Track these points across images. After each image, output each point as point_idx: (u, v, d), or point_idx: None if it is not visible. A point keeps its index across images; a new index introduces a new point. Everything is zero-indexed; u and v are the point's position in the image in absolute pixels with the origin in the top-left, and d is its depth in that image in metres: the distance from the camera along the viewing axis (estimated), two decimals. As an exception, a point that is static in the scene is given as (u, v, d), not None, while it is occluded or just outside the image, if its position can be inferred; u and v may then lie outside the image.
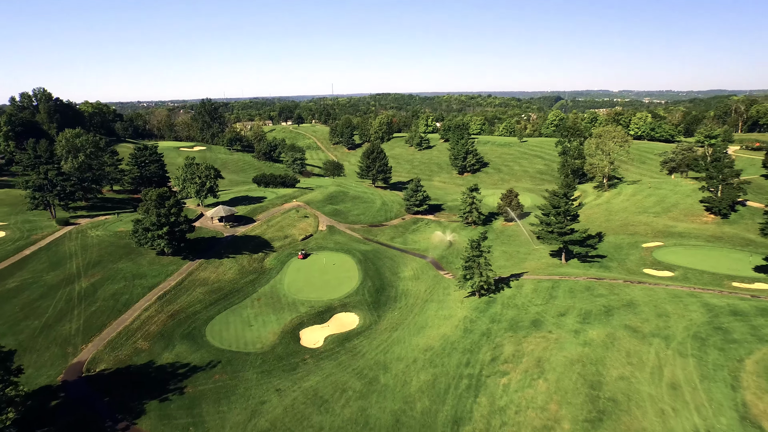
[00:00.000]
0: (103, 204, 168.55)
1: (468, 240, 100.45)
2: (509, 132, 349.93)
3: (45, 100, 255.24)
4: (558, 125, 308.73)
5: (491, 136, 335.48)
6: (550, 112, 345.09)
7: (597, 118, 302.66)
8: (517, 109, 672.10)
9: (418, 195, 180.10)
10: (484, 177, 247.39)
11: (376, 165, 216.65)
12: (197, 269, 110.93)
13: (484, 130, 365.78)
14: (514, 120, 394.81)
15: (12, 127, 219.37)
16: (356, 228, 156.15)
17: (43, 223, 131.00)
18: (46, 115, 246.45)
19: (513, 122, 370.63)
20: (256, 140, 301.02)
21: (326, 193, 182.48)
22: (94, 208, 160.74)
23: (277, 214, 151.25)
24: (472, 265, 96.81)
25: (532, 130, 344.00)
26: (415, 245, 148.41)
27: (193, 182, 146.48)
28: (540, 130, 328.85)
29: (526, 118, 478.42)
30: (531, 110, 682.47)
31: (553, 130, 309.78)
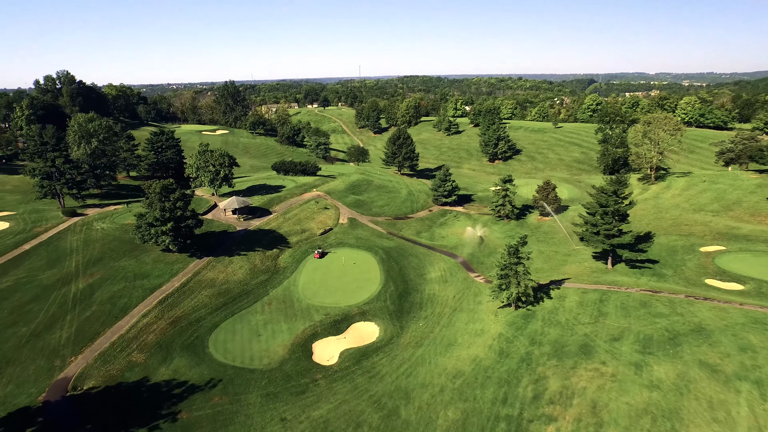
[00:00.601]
0: (118, 191, 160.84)
1: (505, 245, 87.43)
2: (542, 117, 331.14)
3: (68, 83, 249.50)
4: (595, 110, 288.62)
5: (523, 121, 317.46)
6: (587, 96, 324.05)
7: (639, 102, 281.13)
8: (549, 93, 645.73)
9: (447, 185, 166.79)
10: (517, 165, 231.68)
11: (403, 151, 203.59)
12: (204, 268, 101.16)
13: (516, 114, 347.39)
14: (547, 104, 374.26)
15: (34, 110, 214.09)
16: (380, 221, 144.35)
17: (50, 213, 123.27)
18: (68, 98, 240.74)
19: (546, 106, 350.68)
20: (280, 124, 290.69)
21: (349, 182, 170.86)
22: (107, 196, 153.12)
23: (295, 206, 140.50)
24: (509, 274, 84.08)
25: (567, 115, 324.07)
26: (443, 241, 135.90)
27: (207, 171, 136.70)
28: (575, 115, 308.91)
29: (560, 102, 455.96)
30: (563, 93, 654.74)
31: (589, 115, 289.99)
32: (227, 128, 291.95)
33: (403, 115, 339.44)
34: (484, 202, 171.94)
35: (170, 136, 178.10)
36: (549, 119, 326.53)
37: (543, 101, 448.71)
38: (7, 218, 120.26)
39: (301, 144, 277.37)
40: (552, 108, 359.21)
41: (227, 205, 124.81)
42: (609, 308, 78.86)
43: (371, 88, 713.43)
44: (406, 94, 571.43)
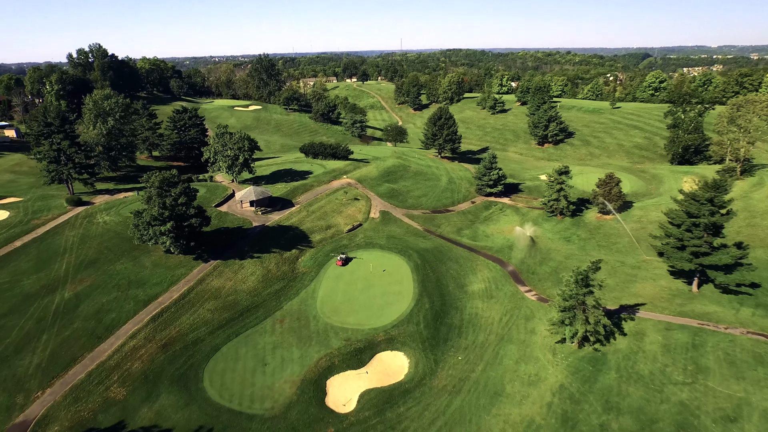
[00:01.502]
0: (137, 174, 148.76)
1: (572, 270, 68.39)
2: (595, 95, 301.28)
3: (100, 57, 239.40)
4: (658, 89, 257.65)
5: (575, 100, 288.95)
6: (649, 73, 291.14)
7: (711, 80, 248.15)
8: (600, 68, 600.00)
9: (493, 173, 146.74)
10: (569, 150, 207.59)
11: (444, 133, 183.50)
12: (211, 274, 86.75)
13: (566, 92, 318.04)
14: (601, 81, 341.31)
15: (63, 85, 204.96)
16: (416, 215, 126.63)
17: (55, 201, 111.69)
18: (99, 72, 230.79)
19: (600, 83, 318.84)
20: (315, 99, 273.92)
21: (383, 168, 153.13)
22: (125, 179, 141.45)
23: (321, 196, 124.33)
24: (574, 306, 65.57)
25: (624, 94, 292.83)
26: (488, 241, 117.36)
27: (225, 155, 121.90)
28: (634, 93, 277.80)
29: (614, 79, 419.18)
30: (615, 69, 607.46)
31: (651, 94, 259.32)
32: (260, 103, 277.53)
33: (444, 92, 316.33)
34: (533, 193, 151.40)
35: (194, 114, 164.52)
36: (603, 98, 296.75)
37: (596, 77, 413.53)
38: (10, 206, 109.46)
39: (336, 121, 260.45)
40: (607, 86, 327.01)
41: (244, 196, 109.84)
42: (709, 360, 59.56)
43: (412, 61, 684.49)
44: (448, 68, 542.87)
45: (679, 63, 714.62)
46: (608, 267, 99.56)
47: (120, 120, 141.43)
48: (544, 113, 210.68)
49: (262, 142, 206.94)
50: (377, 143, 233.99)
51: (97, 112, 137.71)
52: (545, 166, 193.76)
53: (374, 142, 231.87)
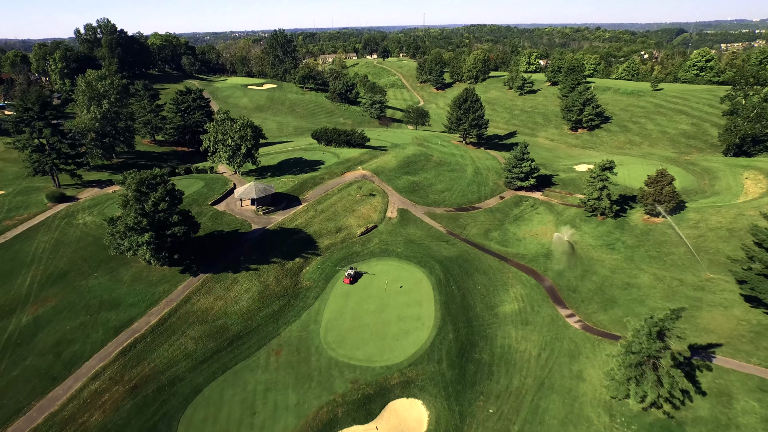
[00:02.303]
0: (136, 161, 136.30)
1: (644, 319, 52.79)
2: (631, 75, 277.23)
3: (108, 33, 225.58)
4: (703, 68, 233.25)
5: (610, 80, 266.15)
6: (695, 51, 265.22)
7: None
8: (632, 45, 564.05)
9: (524, 165, 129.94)
10: (605, 136, 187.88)
11: (470, 117, 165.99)
12: (198, 292, 73.50)
13: (599, 71, 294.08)
14: (638, 59, 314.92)
15: (67, 63, 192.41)
16: (438, 214, 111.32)
17: (36, 197, 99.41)
18: (107, 49, 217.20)
19: (637, 62, 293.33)
20: (332, 78, 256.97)
21: (403, 157, 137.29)
22: (122, 168, 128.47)
23: (332, 191, 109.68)
24: (642, 362, 50.32)
25: (664, 74, 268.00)
26: (519, 247, 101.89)
27: (225, 145, 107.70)
28: (676, 73, 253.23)
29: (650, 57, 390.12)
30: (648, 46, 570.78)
31: (695, 74, 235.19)
32: (275, 82, 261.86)
33: (469, 70, 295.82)
34: (568, 187, 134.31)
35: (198, 96, 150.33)
36: (640, 78, 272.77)
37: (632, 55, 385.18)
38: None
39: (354, 101, 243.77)
40: (644, 65, 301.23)
41: (244, 193, 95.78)
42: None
43: (435, 37, 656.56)
44: (472, 45, 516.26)
45: (716, 39, 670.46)
46: (663, 286, 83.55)
47: (116, 103, 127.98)
48: (579, 95, 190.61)
49: (274, 124, 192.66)
50: (397, 126, 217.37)
51: (91, 95, 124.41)
52: (579, 155, 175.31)
53: (394, 125, 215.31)
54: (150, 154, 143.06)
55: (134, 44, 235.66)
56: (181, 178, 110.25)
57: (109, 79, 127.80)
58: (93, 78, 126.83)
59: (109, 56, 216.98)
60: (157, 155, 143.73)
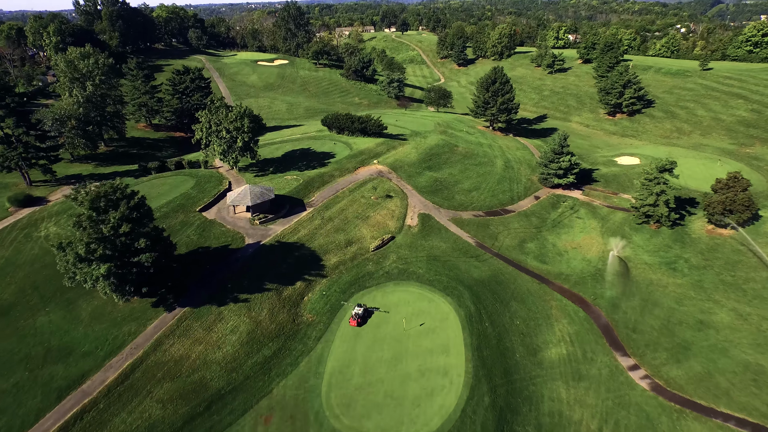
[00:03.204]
0: (127, 149, 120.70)
1: None
2: (671, 51, 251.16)
3: (109, 4, 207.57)
4: (759, 43, 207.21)
5: (649, 58, 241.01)
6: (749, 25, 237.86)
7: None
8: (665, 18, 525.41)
9: (563, 160, 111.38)
10: (648, 123, 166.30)
11: (498, 101, 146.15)
12: (172, 333, 58.09)
13: (633, 47, 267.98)
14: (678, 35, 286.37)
15: (62, 37, 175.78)
16: (465, 219, 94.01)
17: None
18: (107, 22, 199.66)
19: (677, 38, 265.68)
20: (347, 53, 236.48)
21: (424, 148, 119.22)
22: (110, 158, 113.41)
23: (343, 192, 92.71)
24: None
25: (710, 50, 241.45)
26: (561, 264, 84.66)
27: (219, 137, 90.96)
28: (724, 50, 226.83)
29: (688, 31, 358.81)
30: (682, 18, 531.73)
31: (748, 50, 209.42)
32: (287, 57, 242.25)
33: (494, 45, 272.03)
34: (611, 185, 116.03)
35: (197, 76, 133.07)
36: (681, 55, 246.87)
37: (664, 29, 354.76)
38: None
39: (371, 79, 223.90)
40: (685, 40, 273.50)
41: (237, 198, 79.26)
42: None
43: (456, 9, 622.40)
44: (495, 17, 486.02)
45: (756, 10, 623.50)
46: (750, 328, 66.18)
47: (102, 84, 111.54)
48: (619, 77, 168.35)
49: (283, 105, 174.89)
50: (416, 107, 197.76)
51: (73, 76, 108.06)
52: (619, 144, 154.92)
53: (413, 105, 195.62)
54: (144, 141, 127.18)
55: (137, 17, 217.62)
56: (170, 175, 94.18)
57: (93, 58, 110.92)
58: (74, 56, 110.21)
59: (109, 30, 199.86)
60: (152, 142, 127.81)
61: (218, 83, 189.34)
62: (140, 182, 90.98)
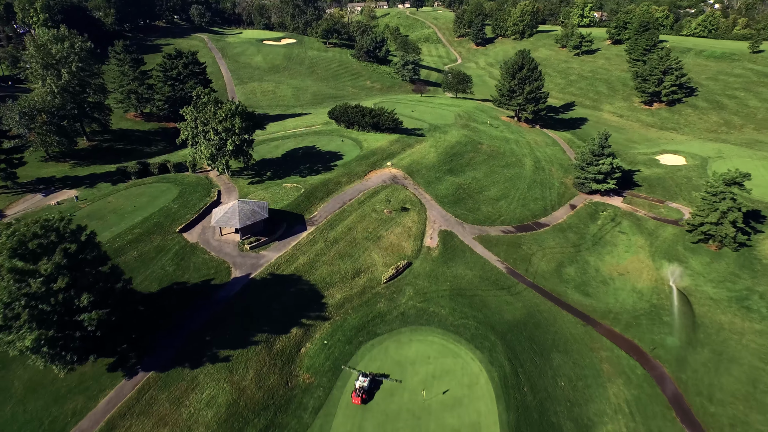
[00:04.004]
0: (113, 144, 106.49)
1: None
2: (708, 30, 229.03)
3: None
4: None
5: (686, 38, 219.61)
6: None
7: None
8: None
9: (604, 163, 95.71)
10: (691, 115, 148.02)
11: (526, 89, 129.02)
12: (130, 411, 44.62)
13: (666, 25, 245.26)
14: (718, 12, 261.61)
15: (50, 14, 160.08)
16: (493, 237, 79.05)
17: (-48, 209, 71.17)
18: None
19: (717, 15, 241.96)
20: (359, 32, 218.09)
21: (445, 147, 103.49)
22: (92, 155, 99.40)
23: (351, 204, 77.94)
24: None
25: (755, 29, 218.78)
26: (608, 296, 70.11)
27: (207, 138, 76.13)
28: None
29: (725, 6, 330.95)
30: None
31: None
32: (295, 36, 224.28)
33: (515, 24, 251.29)
34: (656, 191, 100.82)
35: (191, 60, 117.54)
36: (719, 34, 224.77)
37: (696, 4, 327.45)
38: None
39: (384, 60, 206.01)
40: (725, 17, 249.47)
41: (224, 217, 64.83)
42: None
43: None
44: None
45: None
46: None
47: (80, 72, 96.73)
48: (660, 62, 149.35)
49: (289, 90, 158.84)
50: (433, 91, 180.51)
51: (46, 62, 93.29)
52: (659, 139, 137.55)
53: (429, 90, 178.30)
54: (132, 134, 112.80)
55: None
56: (152, 182, 79.89)
57: (68, 41, 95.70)
58: (47, 39, 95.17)
59: (104, 5, 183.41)
60: (141, 135, 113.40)
61: (220, 65, 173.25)
62: (117, 190, 76.98)
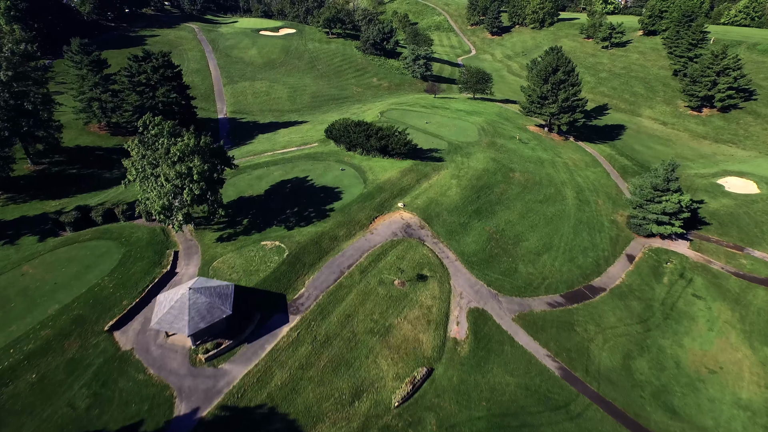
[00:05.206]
0: (65, 168, 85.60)
1: None
2: (751, 18, 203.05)
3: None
4: None
5: (728, 27, 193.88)
6: None
7: None
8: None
9: (669, 200, 74.31)
10: (752, 123, 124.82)
11: (560, 97, 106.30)
12: None
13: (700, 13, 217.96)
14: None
15: (13, 2, 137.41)
16: (538, 316, 58.17)
17: None
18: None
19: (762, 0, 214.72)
20: (365, 21, 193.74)
21: (470, 178, 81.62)
22: (36, 184, 78.82)
23: (350, 276, 56.89)
24: None
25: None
26: (703, 417, 49.34)
27: (158, 185, 54.90)
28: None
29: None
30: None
31: None
32: (295, 25, 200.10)
33: (534, 11, 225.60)
34: (730, 231, 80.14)
35: (163, 63, 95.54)
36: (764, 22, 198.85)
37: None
38: None
39: (393, 53, 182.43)
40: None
41: (168, 316, 44.17)
42: None
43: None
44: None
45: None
46: None
47: (12, 82, 75.28)
48: (714, 61, 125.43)
49: (285, 92, 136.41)
50: (446, 88, 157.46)
51: (-31, 69, 71.90)
52: (715, 155, 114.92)
53: (442, 88, 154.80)
54: (92, 153, 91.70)
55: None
56: (90, 237, 59.06)
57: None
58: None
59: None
60: (103, 154, 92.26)
61: (209, 60, 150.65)
62: (39, 252, 56.38)
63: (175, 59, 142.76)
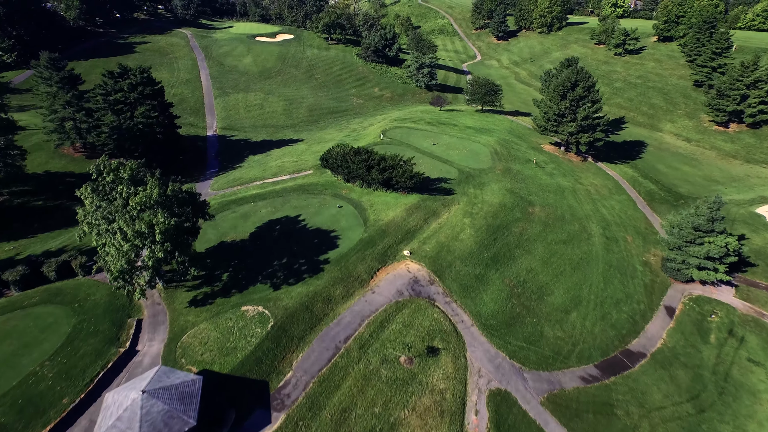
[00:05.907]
0: (29, 199, 75.61)
1: None
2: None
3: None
4: None
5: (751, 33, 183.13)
6: None
7: None
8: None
9: (714, 242, 64.10)
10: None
11: (580, 114, 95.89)
12: None
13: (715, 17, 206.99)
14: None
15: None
16: (571, 396, 48.14)
17: None
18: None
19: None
20: (366, 27, 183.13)
21: (484, 215, 71.26)
22: (-7, 220, 68.82)
23: (347, 354, 46.89)
24: None
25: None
26: None
27: (115, 245, 44.84)
28: None
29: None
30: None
31: None
32: (294, 30, 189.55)
33: (542, 15, 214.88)
34: None
35: (142, 80, 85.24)
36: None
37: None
38: None
39: (395, 60, 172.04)
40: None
41: (116, 429, 34.42)
42: None
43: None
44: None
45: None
46: None
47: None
48: (744, 73, 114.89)
49: (280, 104, 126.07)
50: (452, 99, 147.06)
51: None
52: (747, 176, 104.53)
53: (448, 99, 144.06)
54: (62, 180, 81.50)
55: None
56: (35, 304, 48.95)
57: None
58: None
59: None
60: (75, 181, 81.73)
61: (200, 69, 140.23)
62: (-25, 321, 46.26)
63: (164, 69, 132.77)
